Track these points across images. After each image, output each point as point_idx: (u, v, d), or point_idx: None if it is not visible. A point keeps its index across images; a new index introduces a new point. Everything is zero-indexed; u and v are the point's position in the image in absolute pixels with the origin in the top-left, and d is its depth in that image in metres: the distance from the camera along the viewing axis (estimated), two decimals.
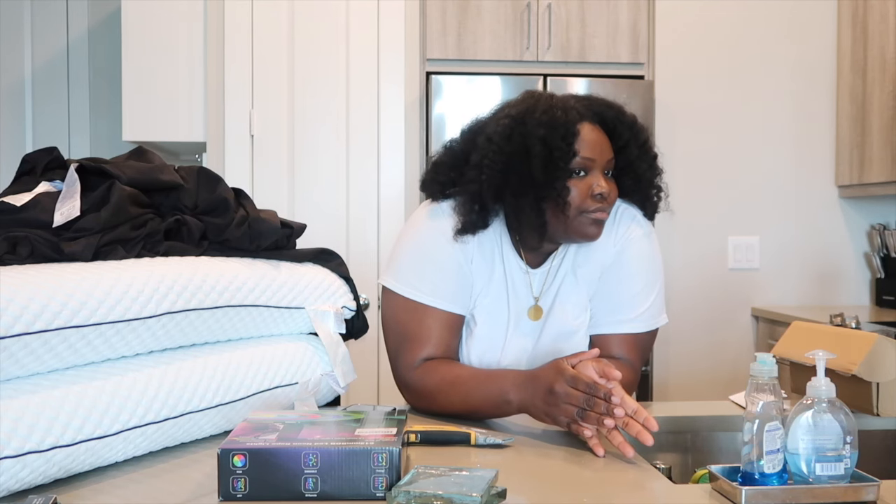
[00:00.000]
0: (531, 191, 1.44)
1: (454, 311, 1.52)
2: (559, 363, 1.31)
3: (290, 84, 3.21)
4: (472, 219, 1.49)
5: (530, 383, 1.34)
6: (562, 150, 1.43)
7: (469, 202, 1.49)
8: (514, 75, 3.45)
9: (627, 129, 1.51)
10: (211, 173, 1.46)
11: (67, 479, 1.12)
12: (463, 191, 1.50)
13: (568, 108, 1.46)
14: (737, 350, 3.62)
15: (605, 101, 1.53)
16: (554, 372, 1.30)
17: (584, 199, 1.45)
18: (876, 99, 3.42)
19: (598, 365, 1.29)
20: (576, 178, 1.45)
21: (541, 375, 1.33)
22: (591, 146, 1.46)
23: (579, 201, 1.45)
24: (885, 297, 3.59)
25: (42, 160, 1.40)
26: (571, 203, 1.45)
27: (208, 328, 1.33)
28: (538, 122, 1.44)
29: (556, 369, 1.31)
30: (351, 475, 1.02)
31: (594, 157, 1.46)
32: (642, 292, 1.55)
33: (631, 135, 1.51)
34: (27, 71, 3.92)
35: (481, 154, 1.47)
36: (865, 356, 1.46)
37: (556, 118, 1.44)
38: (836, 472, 1.04)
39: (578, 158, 1.44)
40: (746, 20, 3.65)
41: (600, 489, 1.15)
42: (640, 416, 1.24)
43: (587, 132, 1.46)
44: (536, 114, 1.45)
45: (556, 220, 1.47)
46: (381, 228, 3.22)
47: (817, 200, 3.71)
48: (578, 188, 1.45)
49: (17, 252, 1.20)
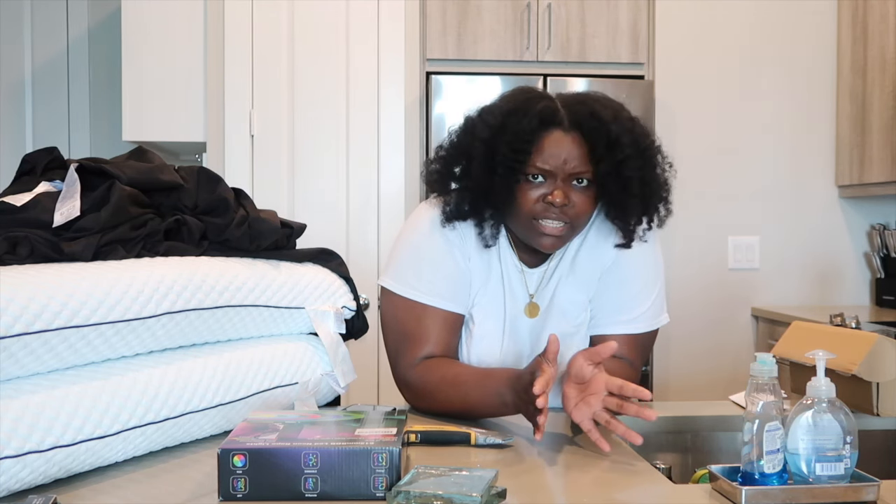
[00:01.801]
0: (479, 190, 1.44)
1: (453, 310, 1.52)
2: (535, 361, 1.29)
3: (290, 84, 3.21)
4: (449, 209, 1.50)
5: (517, 382, 1.33)
6: (505, 156, 1.41)
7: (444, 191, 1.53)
8: (514, 75, 3.45)
9: (604, 141, 1.41)
10: (211, 173, 1.46)
11: (67, 479, 1.12)
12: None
13: (533, 114, 1.41)
14: (737, 350, 3.62)
15: (593, 109, 1.43)
16: (529, 371, 1.29)
17: (532, 204, 1.42)
18: (876, 99, 3.42)
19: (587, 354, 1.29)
20: (531, 182, 1.43)
21: (522, 375, 1.32)
22: (548, 156, 1.41)
23: (528, 207, 1.42)
24: (885, 297, 3.59)
25: (42, 160, 1.40)
26: (521, 206, 1.43)
27: (208, 328, 1.33)
28: (488, 124, 1.44)
29: (531, 368, 1.29)
30: (351, 475, 1.02)
31: (550, 168, 1.41)
32: (642, 292, 1.55)
33: (606, 149, 1.40)
34: (27, 71, 3.92)
35: (438, 147, 1.52)
36: (865, 356, 1.46)
37: (508, 124, 1.42)
38: (836, 472, 1.04)
39: (532, 167, 1.41)
40: (746, 20, 3.65)
41: (600, 489, 1.15)
42: (627, 390, 1.24)
43: (552, 140, 1.41)
44: (492, 115, 1.45)
45: (515, 222, 1.46)
46: (381, 228, 3.22)
47: (817, 200, 3.71)
48: (528, 194, 1.42)
49: (17, 252, 1.19)
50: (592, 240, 1.55)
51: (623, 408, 1.25)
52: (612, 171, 1.42)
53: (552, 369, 1.26)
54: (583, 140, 1.42)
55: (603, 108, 1.44)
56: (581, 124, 1.42)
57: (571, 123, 1.43)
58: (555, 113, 1.43)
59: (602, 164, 1.41)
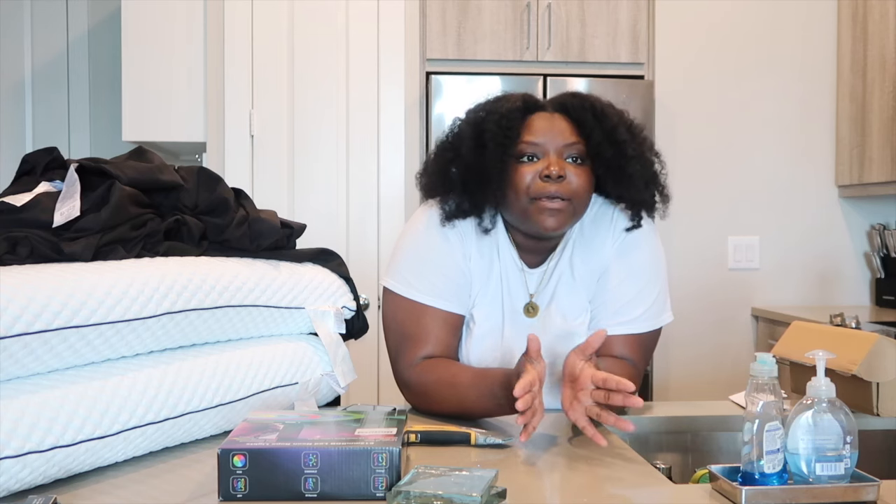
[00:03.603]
0: (475, 175, 1.46)
1: (453, 311, 1.52)
2: (520, 362, 1.28)
3: (290, 84, 3.21)
4: (448, 207, 1.52)
5: (508, 383, 1.32)
6: (494, 133, 1.44)
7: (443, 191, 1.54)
8: (514, 75, 3.45)
9: (591, 114, 1.47)
10: (211, 173, 1.46)
11: (67, 479, 1.12)
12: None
13: (515, 100, 1.49)
14: (737, 350, 3.62)
15: (573, 93, 1.53)
16: (517, 373, 1.28)
17: (529, 183, 1.44)
18: (876, 99, 3.42)
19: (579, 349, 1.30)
20: (524, 162, 1.46)
21: (512, 376, 1.30)
22: (537, 131, 1.46)
23: (524, 187, 1.44)
24: (885, 297, 3.59)
25: (42, 160, 1.40)
26: (518, 186, 1.45)
27: (208, 328, 1.33)
28: (476, 109, 1.51)
29: (517, 370, 1.28)
30: (351, 475, 1.02)
31: (540, 141, 1.45)
32: (643, 291, 1.55)
33: (595, 120, 1.46)
34: (27, 71, 3.92)
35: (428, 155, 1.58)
36: (865, 356, 1.46)
37: (495, 107, 1.48)
38: (836, 472, 1.04)
39: (522, 143, 1.45)
40: (746, 20, 3.65)
41: (600, 489, 1.15)
42: (611, 383, 1.23)
43: (537, 119, 1.48)
44: (478, 105, 1.52)
45: (514, 207, 1.47)
46: (381, 228, 3.22)
47: (817, 200, 3.71)
48: (523, 173, 1.45)
49: (17, 252, 1.19)
50: (591, 239, 1.55)
51: (601, 417, 1.25)
52: (605, 139, 1.46)
53: (537, 368, 1.25)
54: (569, 117, 1.48)
55: (582, 93, 1.53)
56: (564, 105, 1.50)
57: (555, 107, 1.51)
58: (537, 100, 1.52)
59: (593, 133, 1.46)
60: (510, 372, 1.33)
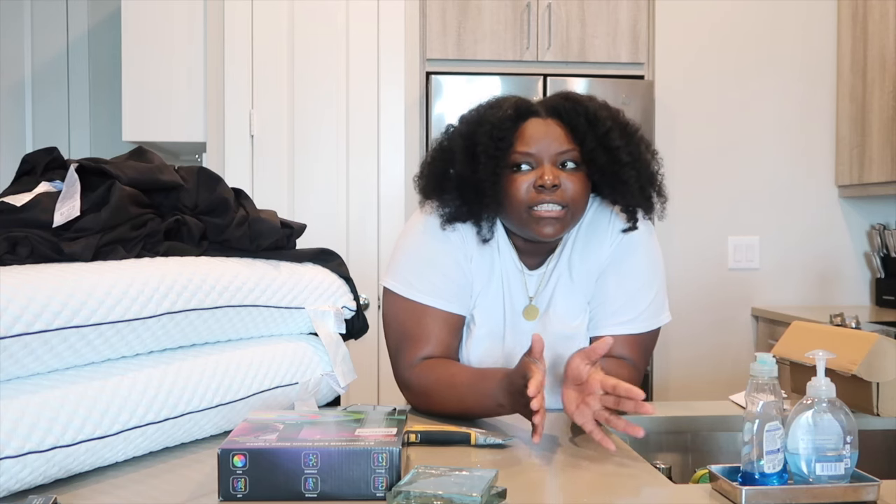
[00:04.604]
0: (470, 187, 1.45)
1: (453, 311, 1.52)
2: (523, 362, 1.27)
3: (290, 84, 3.21)
4: (446, 211, 1.51)
5: (509, 384, 1.32)
6: (485, 145, 1.43)
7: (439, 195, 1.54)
8: (514, 75, 3.45)
9: (584, 119, 1.45)
10: (211, 173, 1.46)
11: (67, 479, 1.12)
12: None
13: (507, 107, 1.46)
14: (737, 350, 3.62)
15: (566, 96, 1.50)
16: (520, 374, 1.27)
17: (524, 193, 1.43)
18: (876, 99, 3.42)
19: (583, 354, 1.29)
20: (519, 172, 1.45)
21: (513, 377, 1.30)
22: (530, 139, 1.44)
23: (520, 197, 1.43)
24: (885, 297, 3.59)
25: (42, 160, 1.40)
26: (514, 197, 1.44)
27: (208, 328, 1.33)
28: (468, 119, 1.49)
29: (520, 371, 1.27)
30: (351, 475, 1.02)
31: (533, 151, 1.44)
32: (641, 291, 1.54)
33: (588, 126, 1.45)
34: (27, 70, 3.92)
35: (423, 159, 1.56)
36: (865, 356, 1.46)
37: (486, 117, 1.46)
38: (836, 472, 1.04)
39: (515, 153, 1.44)
40: (746, 20, 3.65)
41: (600, 489, 1.15)
42: (621, 390, 1.22)
43: (530, 127, 1.46)
44: (469, 114, 1.50)
45: (511, 216, 1.47)
46: (381, 228, 3.22)
47: (817, 200, 3.71)
48: (518, 183, 1.44)
49: (17, 252, 1.19)
50: (589, 241, 1.55)
51: (610, 422, 1.24)
52: (598, 146, 1.44)
53: (541, 368, 1.25)
54: (562, 123, 1.46)
55: (576, 95, 1.50)
56: (557, 109, 1.48)
57: (548, 111, 1.48)
58: (529, 104, 1.49)
59: (586, 140, 1.44)
60: (510, 372, 1.33)
